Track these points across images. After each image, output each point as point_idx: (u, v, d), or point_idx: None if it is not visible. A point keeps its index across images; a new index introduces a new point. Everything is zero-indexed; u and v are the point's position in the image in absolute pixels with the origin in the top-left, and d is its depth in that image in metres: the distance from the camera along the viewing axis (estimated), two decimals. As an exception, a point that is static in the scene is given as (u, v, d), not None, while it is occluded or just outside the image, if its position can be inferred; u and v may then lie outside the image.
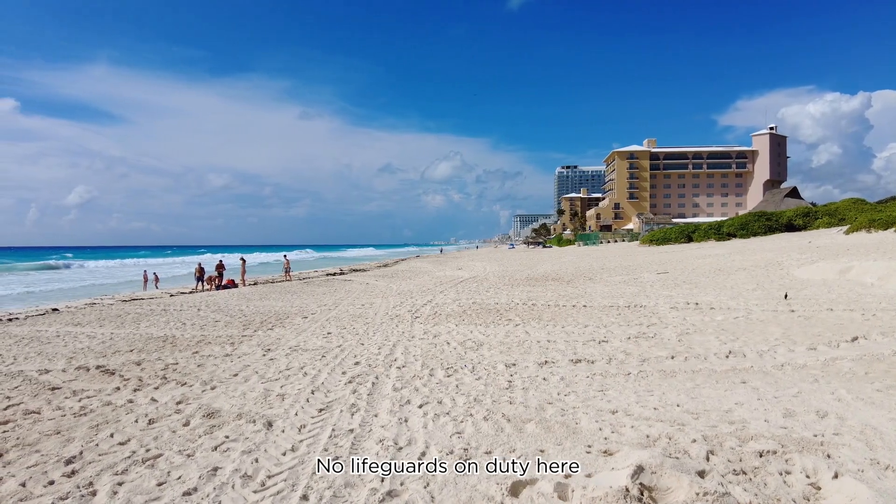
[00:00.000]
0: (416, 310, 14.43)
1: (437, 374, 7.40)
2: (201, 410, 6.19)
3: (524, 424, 5.32)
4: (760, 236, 47.65)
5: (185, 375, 7.99)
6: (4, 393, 7.37)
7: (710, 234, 51.38)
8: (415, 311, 14.26)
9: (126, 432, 5.60)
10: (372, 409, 5.98)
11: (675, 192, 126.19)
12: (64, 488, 4.34)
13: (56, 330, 13.11)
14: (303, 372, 7.85)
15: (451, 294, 18.37)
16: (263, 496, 4.06)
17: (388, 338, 10.38)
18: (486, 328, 11.04)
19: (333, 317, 13.82)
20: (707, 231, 52.29)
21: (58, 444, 5.38)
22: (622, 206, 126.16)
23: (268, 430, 5.44)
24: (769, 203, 77.54)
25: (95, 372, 8.42)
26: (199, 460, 4.78)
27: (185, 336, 11.66)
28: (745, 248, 33.59)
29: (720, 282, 17.23)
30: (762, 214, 53.19)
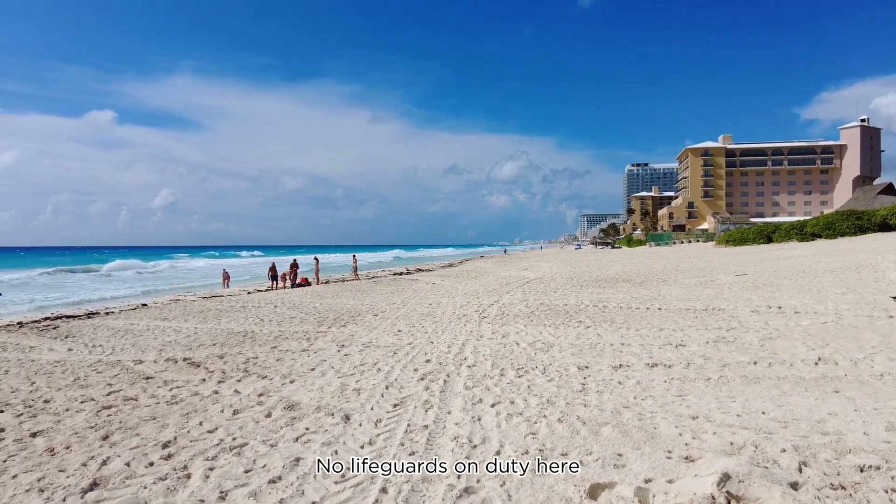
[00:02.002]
0: (483, 310, 14.45)
1: (507, 375, 7.40)
2: (282, 403, 6.46)
3: (600, 427, 5.24)
4: (849, 237, 44.47)
5: (266, 369, 8.36)
6: (106, 380, 7.97)
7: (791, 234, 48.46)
8: (482, 310, 14.29)
9: (213, 421, 5.93)
10: (445, 407, 6.06)
11: (753, 190, 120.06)
12: (163, 469, 4.66)
13: (146, 324, 14.02)
14: (376, 368, 8.04)
15: (517, 294, 18.28)
16: (344, 487, 4.19)
17: (456, 337, 10.45)
18: (556, 330, 10.92)
19: (402, 315, 14.06)
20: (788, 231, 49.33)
21: (154, 429, 5.76)
22: (696, 205, 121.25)
23: (346, 424, 5.61)
24: (860, 201, 72.22)
25: (183, 364, 8.95)
26: (282, 450, 4.99)
27: (264, 331, 12.20)
28: (833, 249, 31.51)
29: (805, 285, 16.25)
30: (852, 213, 49.59)
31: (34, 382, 7.97)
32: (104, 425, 5.93)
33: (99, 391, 7.35)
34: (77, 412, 6.44)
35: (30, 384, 7.88)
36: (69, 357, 9.85)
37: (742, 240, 51.69)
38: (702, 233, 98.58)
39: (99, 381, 7.92)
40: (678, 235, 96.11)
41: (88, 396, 7.10)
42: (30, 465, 4.90)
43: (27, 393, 7.39)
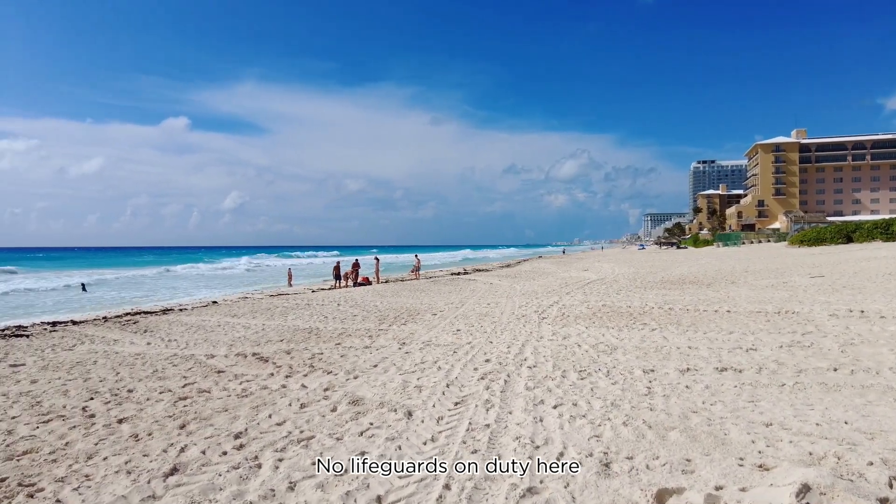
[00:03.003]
0: (542, 310, 14.31)
1: (569, 377, 7.30)
2: (347, 398, 6.63)
3: (667, 432, 5.09)
4: (942, 237, 41.27)
5: (330, 364, 8.60)
6: (182, 373, 8.41)
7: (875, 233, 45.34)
8: (541, 311, 14.15)
9: (282, 414, 6.15)
10: (506, 407, 6.04)
11: (830, 186, 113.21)
12: (235, 459, 4.88)
13: (217, 320, 14.68)
14: (437, 366, 8.12)
15: (578, 296, 17.99)
16: (408, 482, 4.26)
17: (516, 337, 10.40)
18: (620, 332, 10.68)
19: (461, 314, 14.11)
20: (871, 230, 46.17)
21: (227, 420, 6.04)
22: (767, 204, 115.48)
23: (408, 420, 5.70)
24: (953, 198, 66.81)
25: (252, 359, 9.32)
26: (348, 444, 5.13)
27: (328, 328, 12.54)
28: (922, 250, 29.32)
29: (892, 287, 15.20)
30: (945, 211, 45.92)
31: (118, 373, 8.50)
32: (181, 415, 6.26)
33: (175, 383, 7.77)
34: (157, 402, 6.83)
35: (115, 374, 8.41)
36: (148, 350, 10.45)
37: (818, 240, 48.85)
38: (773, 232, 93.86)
39: (175, 374, 8.36)
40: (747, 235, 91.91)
41: (166, 388, 7.51)
42: (117, 448, 5.24)
43: (113, 382, 7.90)
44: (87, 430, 5.85)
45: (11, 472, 4.77)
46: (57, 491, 4.36)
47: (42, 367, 9.12)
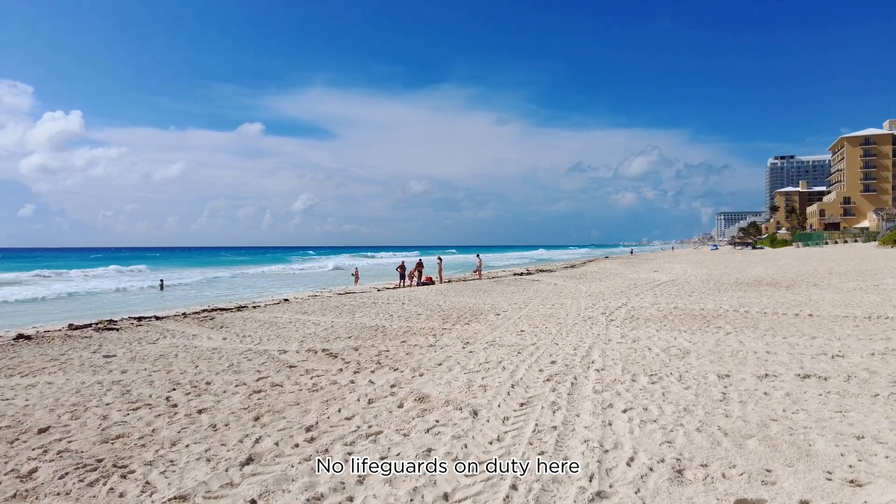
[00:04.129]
0: (609, 312, 13.98)
1: (639, 380, 7.09)
2: (413, 395, 6.71)
3: (745, 440, 4.86)
4: None
5: (396, 362, 8.73)
6: (255, 367, 8.77)
7: (981, 233, 41.54)
8: (609, 313, 13.82)
9: (351, 409, 6.30)
10: (573, 409, 5.94)
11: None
12: (307, 451, 5.03)
13: (288, 317, 15.21)
14: (501, 366, 8.09)
15: (647, 298, 17.45)
16: (474, 481, 4.26)
17: (582, 339, 10.21)
18: (692, 335, 10.28)
19: (524, 315, 13.99)
20: (977, 230, 42.32)
21: (298, 413, 6.24)
22: (853, 201, 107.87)
23: (474, 419, 5.70)
24: None
25: (322, 354, 9.60)
26: (414, 440, 5.19)
27: (393, 326, 12.74)
28: None
29: None
30: None
31: (198, 366, 8.96)
32: (255, 407, 6.53)
33: (250, 377, 8.11)
34: (233, 394, 7.16)
35: (194, 367, 8.88)
36: (224, 345, 10.96)
37: (914, 240, 45.22)
38: (861, 232, 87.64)
39: (249, 368, 8.72)
40: (831, 235, 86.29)
41: (241, 381, 7.85)
42: (198, 437, 5.53)
43: (192, 375, 8.34)
44: (170, 418, 6.20)
45: (107, 454, 5.12)
46: (146, 473, 4.65)
47: (130, 358, 9.75)
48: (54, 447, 5.38)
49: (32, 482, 4.59)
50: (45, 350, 10.79)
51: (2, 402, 7.05)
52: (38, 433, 5.83)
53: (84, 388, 7.69)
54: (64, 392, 7.49)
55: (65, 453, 5.21)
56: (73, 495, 4.32)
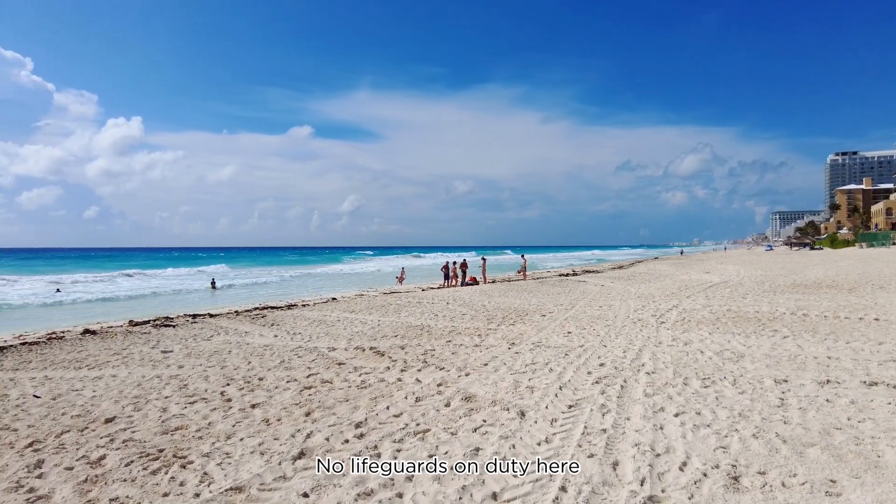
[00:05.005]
0: (660, 315, 13.66)
1: (692, 384, 6.91)
2: (459, 394, 6.74)
3: (805, 448, 4.67)
4: None
5: (442, 361, 8.78)
6: (306, 364, 8.98)
7: None
8: (659, 315, 13.51)
9: (398, 406, 6.37)
10: (623, 412, 5.84)
11: None
12: (356, 447, 5.12)
13: (336, 315, 15.48)
14: (548, 368, 8.02)
15: (699, 299, 16.96)
16: (524, 481, 4.25)
17: (632, 342, 10.01)
18: (747, 338, 9.93)
19: (571, 316, 13.82)
20: None
21: (348, 409, 6.36)
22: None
23: (521, 420, 5.68)
24: None
25: (369, 352, 9.74)
26: (462, 439, 5.21)
27: (439, 326, 12.81)
28: None
29: None
30: None
31: (250, 362, 9.24)
32: (306, 403, 6.68)
33: (300, 373, 8.30)
34: (284, 390, 7.34)
35: (247, 363, 9.15)
36: (275, 342, 11.25)
37: None
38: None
39: (300, 365, 8.93)
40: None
41: (292, 377, 8.04)
42: (251, 431, 5.71)
43: (245, 370, 8.60)
44: (225, 412, 6.41)
45: (167, 445, 5.35)
46: (204, 464, 4.83)
47: (186, 354, 10.13)
48: (120, 436, 5.65)
49: (101, 468, 4.83)
50: (108, 344, 11.32)
51: (72, 393, 7.45)
52: (104, 423, 6.13)
53: (145, 381, 8.04)
54: (127, 385, 7.85)
55: (129, 442, 5.47)
56: (138, 482, 4.53)
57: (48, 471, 4.84)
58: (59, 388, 7.77)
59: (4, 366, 9.39)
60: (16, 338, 12.65)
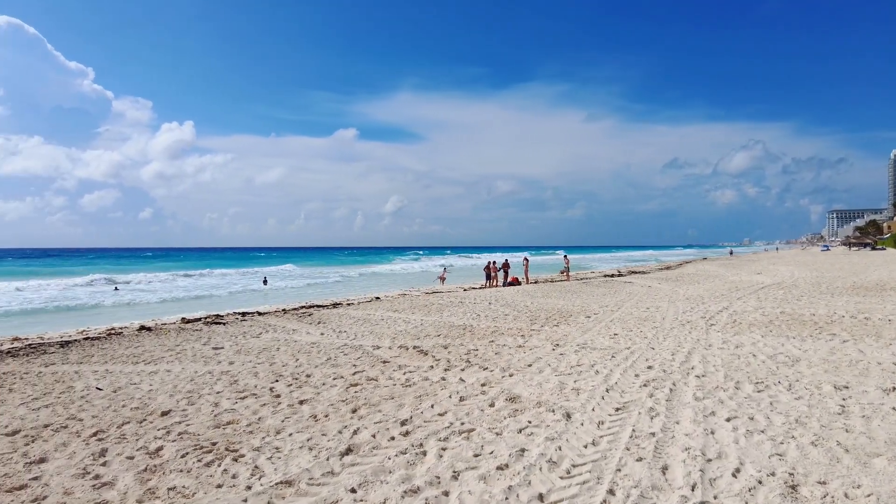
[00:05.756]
0: (710, 317, 13.27)
1: (744, 388, 6.69)
2: (503, 394, 6.71)
3: (870, 459, 4.45)
4: None
5: (486, 361, 8.76)
6: (352, 361, 9.11)
7: None
8: (709, 317, 13.13)
9: (443, 405, 6.40)
10: (672, 416, 5.70)
11: None
12: (402, 444, 5.17)
13: (381, 314, 15.65)
14: (594, 370, 7.90)
15: (751, 301, 16.41)
16: (570, 483, 4.20)
17: (680, 344, 9.76)
18: (803, 342, 9.55)
19: (617, 318, 13.58)
20: None
21: (393, 407, 6.42)
22: None
23: (567, 421, 5.62)
24: None
25: (413, 351, 9.81)
26: (507, 440, 5.19)
27: (481, 326, 12.80)
28: None
29: None
30: None
31: (298, 359, 9.44)
32: (353, 400, 6.79)
33: (346, 370, 8.43)
34: (331, 387, 7.48)
35: (295, 360, 9.35)
36: (322, 340, 11.46)
37: None
38: None
39: (346, 362, 9.07)
40: (969, 236, 76.95)
41: (338, 374, 8.18)
42: (300, 426, 5.83)
43: (293, 367, 8.79)
44: (274, 408, 6.57)
45: (220, 438, 5.53)
46: (255, 458, 4.97)
47: (236, 350, 10.43)
48: (175, 429, 5.87)
49: (159, 459, 5.03)
50: (162, 341, 11.77)
51: (131, 386, 7.78)
52: (161, 415, 6.38)
53: (197, 376, 8.32)
54: (180, 379, 8.14)
55: (184, 435, 5.67)
56: (193, 473, 4.69)
57: (111, 459, 5.07)
58: (119, 381, 8.13)
59: (69, 359, 9.88)
60: (79, 333, 13.28)
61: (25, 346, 11.25)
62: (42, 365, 9.43)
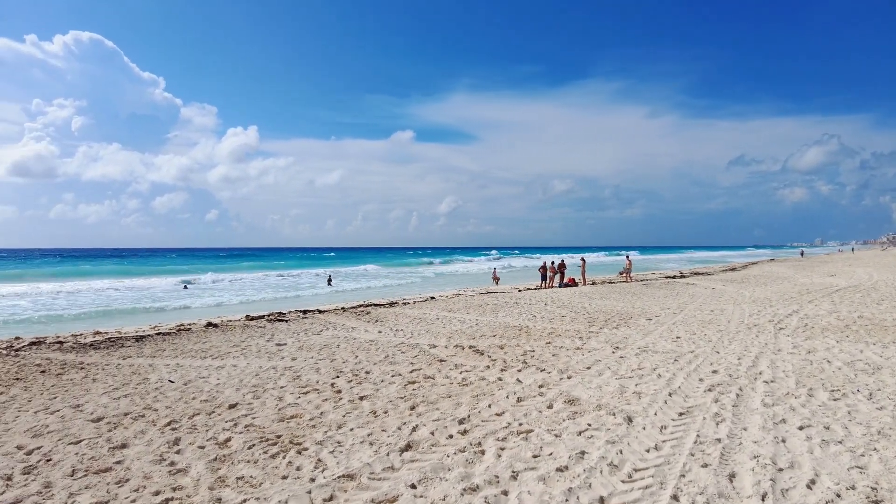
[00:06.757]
0: (778, 320, 12.67)
1: (818, 396, 6.36)
2: (562, 396, 6.64)
3: (962, 473, 4.15)
4: None
5: (543, 362, 8.68)
6: (409, 359, 9.23)
7: None
8: (777, 321, 12.53)
9: (500, 405, 6.39)
10: (739, 422, 5.49)
11: None
12: (460, 443, 5.20)
13: (436, 314, 15.77)
14: (656, 373, 7.69)
15: (824, 304, 15.55)
16: (632, 487, 4.12)
17: (747, 348, 9.37)
18: (885, 349, 8.98)
19: (680, 321, 13.17)
20: None
21: (450, 406, 6.46)
22: None
23: (628, 425, 5.50)
24: None
25: (469, 351, 9.84)
26: (567, 442, 5.13)
27: (537, 327, 12.68)
28: None
29: None
30: None
31: (357, 356, 9.64)
32: (411, 397, 6.88)
33: (404, 368, 8.55)
34: (390, 384, 7.60)
35: (354, 357, 9.56)
36: (379, 338, 11.66)
37: None
38: None
39: (403, 360, 9.20)
40: None
41: (396, 372, 8.31)
42: (360, 422, 5.96)
43: (353, 364, 8.99)
44: (335, 403, 6.74)
45: (284, 431, 5.72)
46: (318, 451, 5.12)
47: (298, 347, 10.75)
48: (242, 421, 6.12)
49: (228, 449, 5.26)
50: (228, 337, 12.27)
51: (200, 380, 8.16)
52: (228, 408, 6.66)
53: (262, 371, 8.63)
54: (246, 374, 8.47)
55: (251, 427, 5.90)
56: (260, 464, 4.88)
57: (184, 448, 5.34)
58: (189, 374, 8.54)
59: (144, 353, 10.46)
60: (152, 328, 14.03)
61: (105, 339, 11.98)
62: (120, 357, 10.03)
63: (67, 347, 11.00)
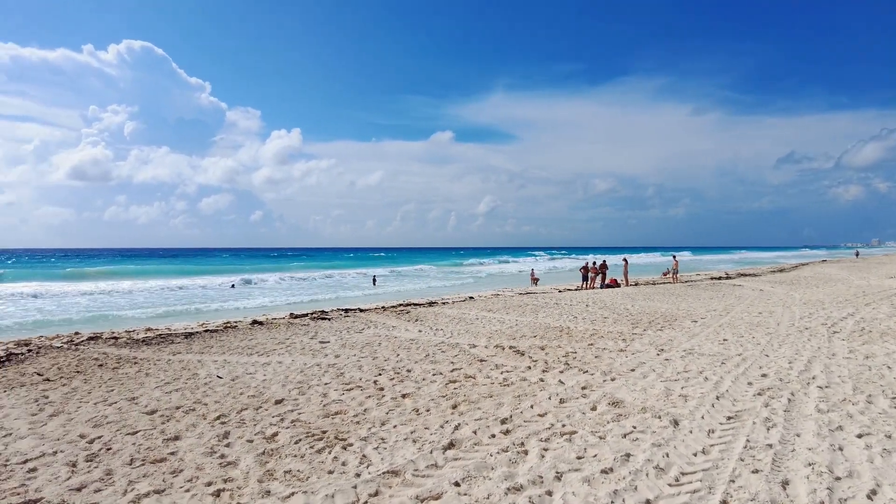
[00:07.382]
0: (832, 323, 12.19)
1: (878, 403, 6.10)
2: (606, 398, 6.56)
3: None
4: None
5: (585, 364, 8.59)
6: (449, 358, 9.27)
7: None
8: (831, 324, 12.06)
9: (543, 406, 6.36)
10: (791, 428, 5.32)
11: None
12: (503, 443, 5.20)
13: (475, 314, 15.78)
14: (703, 376, 7.52)
15: (883, 308, 14.87)
16: (679, 491, 4.04)
17: (798, 352, 9.05)
18: (948, 354, 8.54)
19: (726, 323, 12.81)
20: None
21: (492, 405, 6.47)
22: None
23: (675, 428, 5.40)
24: None
25: (509, 351, 9.81)
26: (611, 444, 5.07)
27: (579, 328, 12.55)
28: None
29: None
30: None
31: (399, 355, 9.74)
32: (452, 396, 6.91)
33: (445, 367, 8.59)
34: (431, 382, 7.65)
35: (396, 355, 9.66)
36: (420, 337, 11.74)
37: None
38: None
39: (444, 359, 9.24)
40: None
41: (437, 371, 8.35)
42: (403, 419, 6.03)
43: (395, 362, 9.08)
44: (378, 400, 6.84)
45: (329, 427, 5.84)
46: (362, 447, 5.21)
47: (341, 345, 10.93)
48: (288, 417, 6.26)
49: (275, 444, 5.40)
50: (273, 334, 12.56)
51: (247, 376, 8.39)
52: (275, 403, 6.83)
53: (306, 368, 8.81)
54: (291, 371, 8.66)
55: (297, 423, 6.04)
56: (307, 459, 5.00)
57: (233, 441, 5.51)
58: (236, 370, 8.79)
59: (193, 349, 10.81)
60: (200, 326, 14.48)
61: (156, 335, 12.44)
62: (171, 353, 10.40)
63: (122, 343, 11.48)
